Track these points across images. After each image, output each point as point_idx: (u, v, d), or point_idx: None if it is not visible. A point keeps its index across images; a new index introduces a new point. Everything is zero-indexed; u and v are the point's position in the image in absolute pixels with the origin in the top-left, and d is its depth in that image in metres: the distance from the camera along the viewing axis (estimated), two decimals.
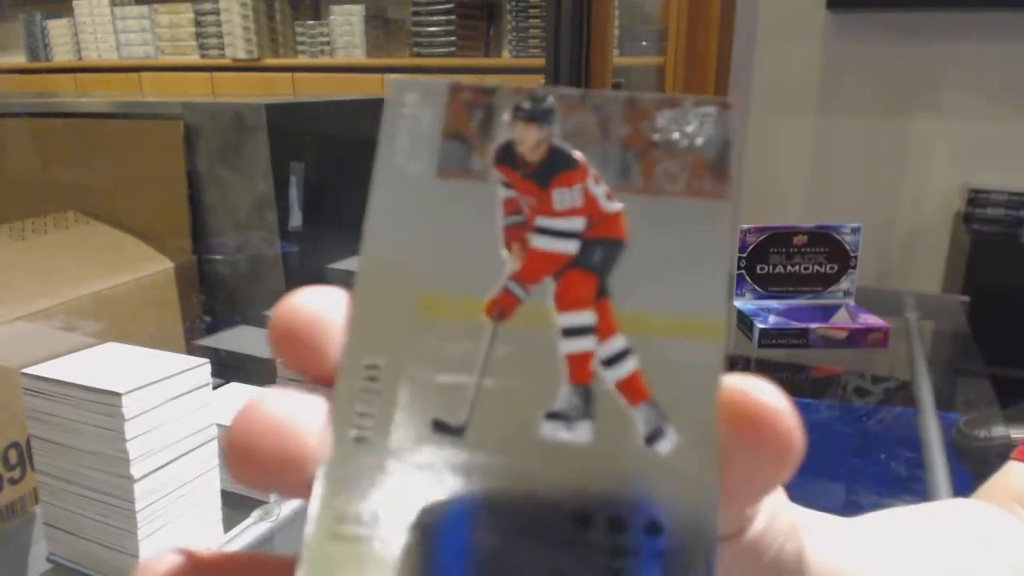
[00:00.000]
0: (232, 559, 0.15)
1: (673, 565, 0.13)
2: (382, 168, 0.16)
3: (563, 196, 0.16)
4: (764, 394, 0.14)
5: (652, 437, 0.14)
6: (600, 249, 0.15)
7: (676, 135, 0.16)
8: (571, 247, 0.16)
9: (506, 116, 0.16)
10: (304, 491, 0.13)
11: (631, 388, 0.15)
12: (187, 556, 0.14)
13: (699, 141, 0.16)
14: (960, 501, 0.36)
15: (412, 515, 0.14)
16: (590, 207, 0.16)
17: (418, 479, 0.14)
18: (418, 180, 0.16)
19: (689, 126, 0.16)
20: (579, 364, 0.15)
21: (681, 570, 0.13)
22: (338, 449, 0.14)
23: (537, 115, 0.16)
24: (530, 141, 0.16)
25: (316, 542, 0.13)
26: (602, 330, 0.15)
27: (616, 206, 0.16)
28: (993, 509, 0.35)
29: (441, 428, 0.14)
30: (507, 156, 0.16)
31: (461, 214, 0.16)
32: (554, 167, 0.16)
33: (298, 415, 0.14)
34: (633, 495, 0.14)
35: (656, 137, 0.16)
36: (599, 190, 0.16)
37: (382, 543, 0.13)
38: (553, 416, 0.14)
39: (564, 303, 0.15)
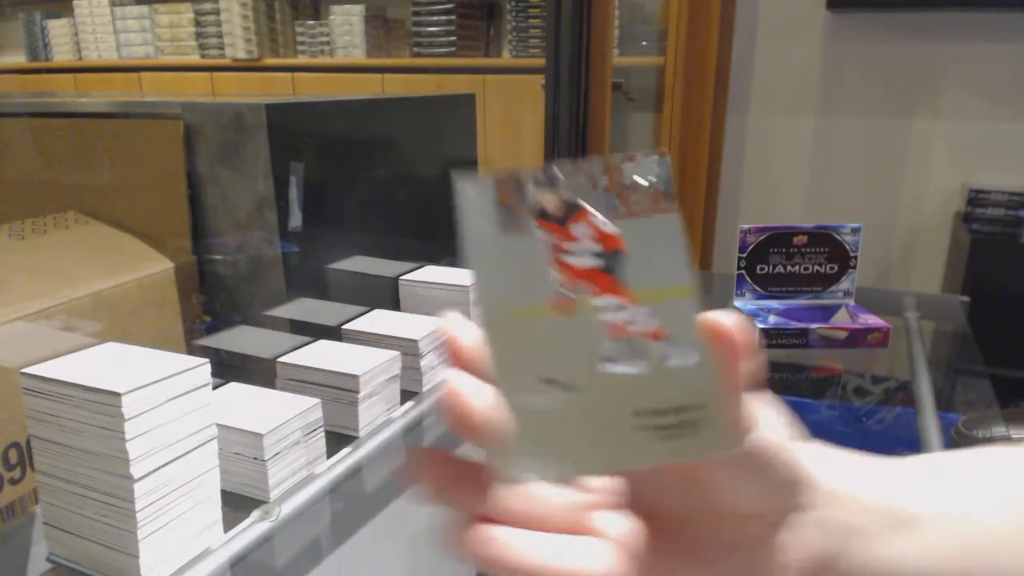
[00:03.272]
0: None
1: (704, 426, 0.23)
2: (467, 233, 0.24)
3: (578, 230, 0.24)
4: (730, 321, 0.24)
5: (667, 358, 0.24)
6: (609, 257, 0.24)
7: (638, 178, 0.25)
8: (591, 260, 0.24)
9: (531, 187, 0.25)
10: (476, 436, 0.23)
11: (649, 333, 0.24)
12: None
13: (652, 179, 0.25)
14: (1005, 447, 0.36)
15: (541, 427, 0.23)
16: (597, 232, 0.24)
17: (538, 407, 0.24)
18: (490, 237, 0.25)
19: (644, 170, 0.25)
20: (614, 326, 0.24)
21: (706, 426, 0.23)
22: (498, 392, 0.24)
23: (551, 183, 0.25)
24: (549, 200, 0.25)
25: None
26: (624, 303, 0.24)
27: (613, 229, 0.24)
28: None
29: (548, 381, 0.24)
30: (538, 211, 0.25)
31: (521, 253, 0.24)
32: (568, 213, 0.25)
33: (467, 387, 0.23)
34: (663, 389, 0.24)
35: (626, 181, 0.25)
36: (599, 221, 0.25)
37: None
38: (606, 359, 0.24)
39: (596, 293, 0.24)
